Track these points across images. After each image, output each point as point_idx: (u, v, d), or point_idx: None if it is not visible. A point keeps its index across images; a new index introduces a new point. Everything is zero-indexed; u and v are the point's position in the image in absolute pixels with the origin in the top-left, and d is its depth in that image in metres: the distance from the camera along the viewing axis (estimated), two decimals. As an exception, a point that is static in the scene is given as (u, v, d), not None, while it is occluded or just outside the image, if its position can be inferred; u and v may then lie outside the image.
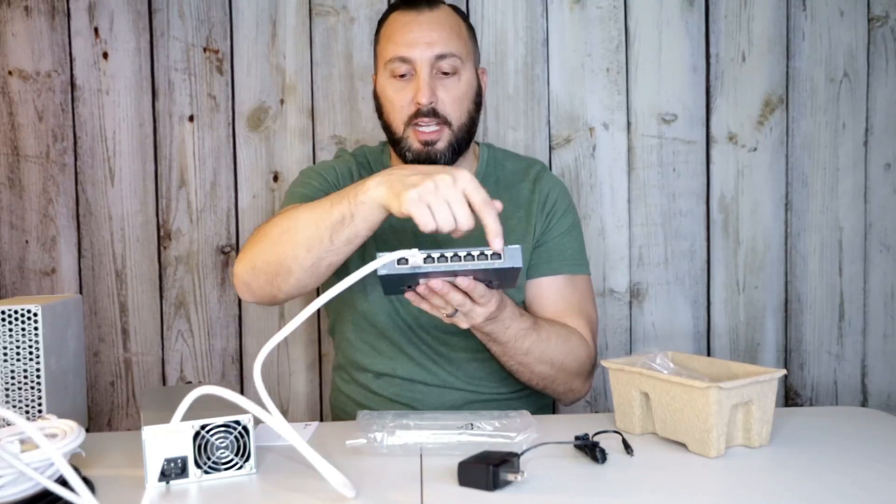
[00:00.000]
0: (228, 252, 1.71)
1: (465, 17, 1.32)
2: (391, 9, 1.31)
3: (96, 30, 1.68)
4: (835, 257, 1.75)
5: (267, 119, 1.70)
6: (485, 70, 1.36)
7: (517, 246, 0.94)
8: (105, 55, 1.69)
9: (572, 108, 1.72)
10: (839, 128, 1.73)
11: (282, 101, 1.70)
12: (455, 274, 0.97)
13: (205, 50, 1.69)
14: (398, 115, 1.26)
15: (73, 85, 1.69)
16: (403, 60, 1.24)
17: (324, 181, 1.33)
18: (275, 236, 1.10)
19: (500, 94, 1.71)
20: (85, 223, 1.70)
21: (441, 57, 1.23)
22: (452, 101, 1.25)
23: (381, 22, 1.32)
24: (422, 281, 0.98)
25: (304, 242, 1.06)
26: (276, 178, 1.71)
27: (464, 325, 1.07)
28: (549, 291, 1.32)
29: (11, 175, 1.70)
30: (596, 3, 1.71)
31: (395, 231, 1.27)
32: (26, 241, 1.70)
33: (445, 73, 1.25)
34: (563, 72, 1.71)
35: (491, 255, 0.94)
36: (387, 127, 1.30)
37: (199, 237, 1.71)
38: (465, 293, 1.00)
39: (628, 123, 1.72)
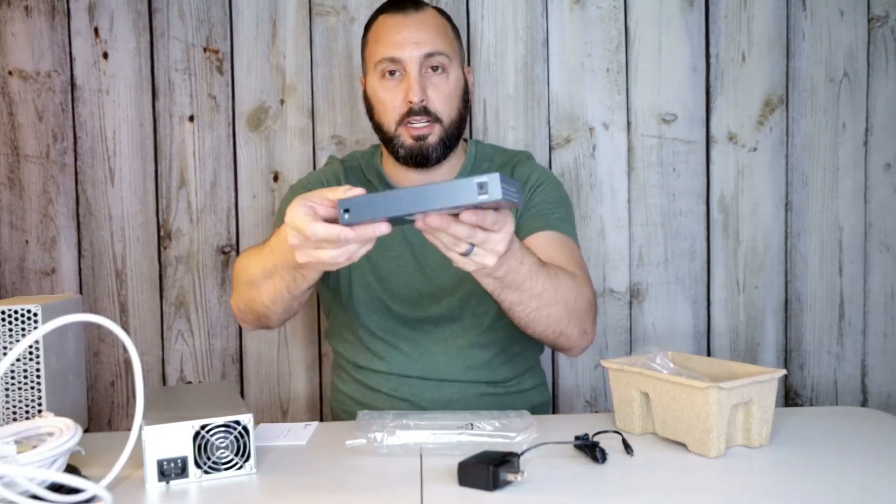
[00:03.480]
0: (228, 252, 1.71)
1: (449, 18, 1.34)
2: (377, 12, 1.33)
3: (96, 30, 1.68)
4: (835, 257, 1.75)
5: (267, 119, 1.70)
6: (470, 70, 1.38)
7: (495, 174, 0.80)
8: (105, 55, 1.69)
9: (572, 108, 1.72)
10: (839, 128, 1.73)
11: (282, 101, 1.70)
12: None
13: (205, 50, 1.69)
14: (390, 116, 1.28)
15: (73, 85, 1.69)
16: (393, 61, 1.26)
17: None
18: (244, 288, 1.19)
19: (500, 94, 1.71)
20: (85, 223, 1.70)
21: (430, 55, 1.26)
22: (442, 98, 1.27)
23: (367, 26, 1.34)
24: (418, 217, 0.86)
25: (268, 297, 1.14)
26: (276, 178, 1.71)
27: (489, 260, 0.92)
28: (537, 244, 1.24)
29: (11, 175, 1.69)
30: (596, 3, 1.71)
31: None
32: (26, 241, 1.70)
33: (435, 70, 1.27)
34: (563, 72, 1.71)
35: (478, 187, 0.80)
36: (378, 127, 1.32)
37: (199, 237, 1.71)
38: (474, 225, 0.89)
39: (628, 123, 1.72)
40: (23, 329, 1.09)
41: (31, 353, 1.10)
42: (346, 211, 0.84)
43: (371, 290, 1.33)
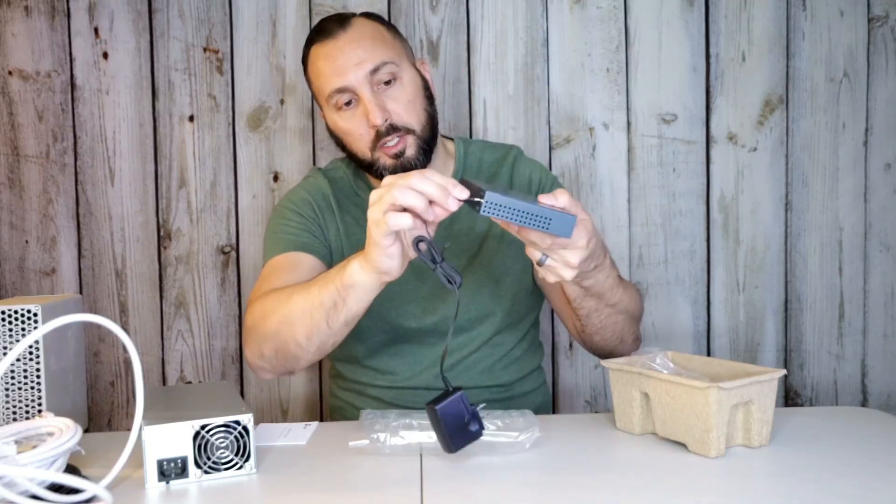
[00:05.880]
0: (228, 252, 1.71)
1: (381, 20, 1.29)
2: (308, 44, 1.29)
3: (96, 30, 1.68)
4: (835, 257, 1.75)
5: (267, 119, 1.70)
6: (423, 61, 1.34)
7: (573, 216, 0.90)
8: (105, 55, 1.69)
9: (572, 108, 1.72)
10: (839, 128, 1.73)
11: (282, 101, 1.70)
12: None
13: (205, 50, 1.69)
14: (361, 144, 1.25)
15: (73, 85, 1.69)
16: (341, 91, 1.22)
17: (301, 219, 1.30)
18: (273, 327, 1.10)
19: (500, 94, 1.71)
20: (85, 223, 1.70)
21: (375, 70, 1.21)
22: (405, 108, 1.23)
23: (304, 60, 1.30)
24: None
25: (303, 332, 1.08)
26: (276, 178, 1.71)
27: (566, 273, 0.96)
28: None
29: (11, 175, 1.69)
30: (596, 3, 1.71)
31: None
32: (26, 241, 1.70)
33: (387, 83, 1.22)
34: (563, 72, 1.71)
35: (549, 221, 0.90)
36: (353, 157, 1.28)
37: (199, 237, 1.71)
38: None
39: (628, 123, 1.72)
40: (23, 329, 1.09)
41: (31, 353, 1.10)
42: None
43: (373, 305, 1.30)
